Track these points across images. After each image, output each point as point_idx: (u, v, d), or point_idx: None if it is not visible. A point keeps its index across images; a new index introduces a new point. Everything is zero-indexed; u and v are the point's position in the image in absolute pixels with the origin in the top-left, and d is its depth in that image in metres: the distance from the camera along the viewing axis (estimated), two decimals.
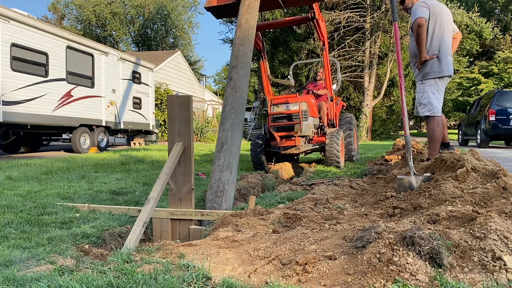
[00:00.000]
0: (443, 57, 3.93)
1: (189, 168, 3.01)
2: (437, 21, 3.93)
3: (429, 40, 3.93)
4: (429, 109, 3.99)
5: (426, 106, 4.01)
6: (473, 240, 1.62)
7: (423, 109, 4.04)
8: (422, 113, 4.05)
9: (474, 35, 32.74)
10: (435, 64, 3.94)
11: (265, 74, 6.83)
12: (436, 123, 4.00)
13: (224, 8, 4.62)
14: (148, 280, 1.52)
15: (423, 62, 3.94)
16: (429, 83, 3.99)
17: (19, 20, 8.64)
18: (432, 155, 3.90)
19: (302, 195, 3.71)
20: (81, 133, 10.61)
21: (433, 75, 3.96)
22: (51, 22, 39.81)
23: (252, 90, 43.22)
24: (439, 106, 4.01)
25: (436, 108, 3.98)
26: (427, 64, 3.96)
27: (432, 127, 4.02)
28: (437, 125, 4.01)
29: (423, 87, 4.04)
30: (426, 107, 4.01)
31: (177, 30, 40.36)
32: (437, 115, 4.00)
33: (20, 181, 4.56)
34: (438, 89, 4.00)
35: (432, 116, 4.00)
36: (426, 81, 4.00)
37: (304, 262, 1.65)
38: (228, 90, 3.77)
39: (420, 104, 4.07)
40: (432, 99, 3.98)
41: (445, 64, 3.94)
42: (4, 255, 1.98)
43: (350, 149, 7.02)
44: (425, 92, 4.01)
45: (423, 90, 4.04)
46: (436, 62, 3.94)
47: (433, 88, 3.99)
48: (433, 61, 3.94)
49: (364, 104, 21.32)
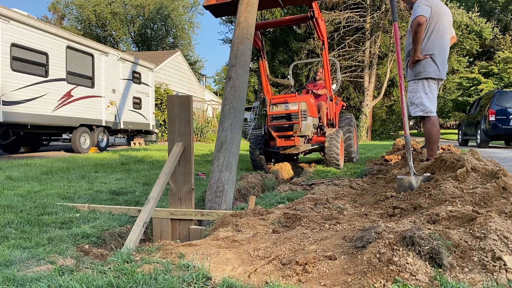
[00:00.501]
0: (438, 59, 3.91)
1: (189, 168, 3.01)
2: (438, 22, 3.90)
3: (426, 40, 3.90)
4: (422, 109, 3.97)
5: (418, 106, 3.99)
6: (473, 240, 1.62)
7: (415, 109, 4.03)
8: (414, 113, 4.05)
9: (474, 35, 32.73)
10: (428, 65, 3.91)
11: (264, 74, 6.83)
12: (432, 123, 3.99)
13: (223, 7, 4.61)
14: (148, 280, 1.52)
15: (416, 61, 3.93)
16: (421, 83, 3.97)
17: (19, 20, 8.65)
18: (432, 155, 3.89)
19: (302, 195, 3.71)
20: (81, 133, 10.61)
21: (424, 74, 3.93)
22: (51, 22, 39.81)
23: (252, 90, 43.23)
24: (432, 107, 4.00)
25: (428, 108, 3.96)
26: (420, 63, 3.93)
27: (428, 127, 4.01)
28: (433, 126, 3.99)
29: (415, 86, 4.01)
30: (418, 107, 4.00)
31: (177, 30, 40.36)
32: (432, 115, 3.98)
33: (20, 181, 4.56)
34: (431, 90, 3.98)
35: (428, 117, 3.99)
36: (418, 81, 3.98)
37: (304, 262, 1.65)
38: (227, 90, 3.76)
39: (412, 103, 4.05)
40: (424, 99, 3.96)
41: (440, 66, 3.92)
42: (4, 255, 1.99)
43: (349, 148, 7.02)
44: (417, 92, 3.99)
45: (415, 89, 4.01)
46: (431, 62, 3.91)
47: (426, 88, 3.97)
48: (427, 61, 3.90)
49: (364, 104, 21.32)
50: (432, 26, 3.90)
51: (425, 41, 3.90)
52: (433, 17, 3.88)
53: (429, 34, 3.90)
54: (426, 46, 3.91)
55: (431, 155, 3.92)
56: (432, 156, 3.81)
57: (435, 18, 3.89)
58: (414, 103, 4.01)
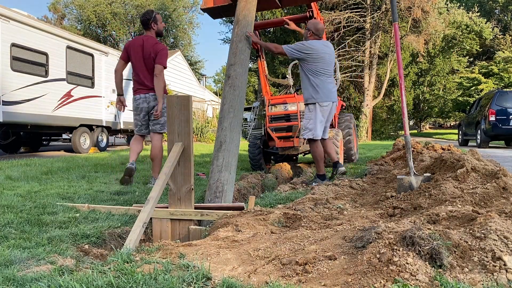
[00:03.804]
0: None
1: (189, 168, 3.01)
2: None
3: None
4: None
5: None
6: (473, 240, 1.62)
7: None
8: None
9: (474, 35, 32.76)
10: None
11: (263, 74, 6.82)
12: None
13: (221, 9, 4.62)
14: (148, 280, 1.52)
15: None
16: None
17: (19, 20, 8.64)
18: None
19: (302, 195, 3.71)
20: (81, 133, 10.61)
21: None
22: (51, 22, 39.81)
23: (252, 90, 43.21)
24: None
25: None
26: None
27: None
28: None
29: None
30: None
31: (177, 30, 40.35)
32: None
33: (20, 181, 4.56)
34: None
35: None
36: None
37: (304, 262, 1.65)
38: (226, 89, 3.75)
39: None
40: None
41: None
42: (4, 255, 1.98)
43: (349, 149, 7.01)
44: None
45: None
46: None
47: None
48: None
49: (364, 104, 21.32)
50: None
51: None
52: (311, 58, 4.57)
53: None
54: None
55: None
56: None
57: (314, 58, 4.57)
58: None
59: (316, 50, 4.50)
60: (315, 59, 4.50)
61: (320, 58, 4.52)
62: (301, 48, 4.50)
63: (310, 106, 4.64)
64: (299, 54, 4.50)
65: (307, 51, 4.48)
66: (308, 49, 4.49)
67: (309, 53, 4.48)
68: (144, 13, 4.65)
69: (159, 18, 4.66)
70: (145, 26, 4.61)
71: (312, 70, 4.52)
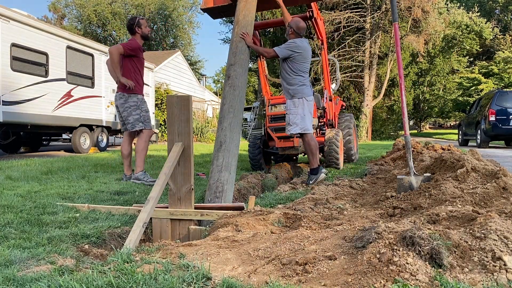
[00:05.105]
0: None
1: (189, 168, 3.01)
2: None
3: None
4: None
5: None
6: (473, 240, 1.62)
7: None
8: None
9: (474, 35, 32.76)
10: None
11: (263, 74, 6.82)
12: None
13: (221, 9, 4.63)
14: (148, 280, 1.52)
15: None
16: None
17: (19, 20, 8.64)
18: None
19: (302, 195, 3.71)
20: (81, 133, 10.61)
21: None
22: (51, 22, 39.80)
23: (252, 90, 43.21)
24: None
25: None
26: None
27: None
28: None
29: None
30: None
31: (177, 30, 40.35)
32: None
33: (20, 181, 4.56)
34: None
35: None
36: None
37: (304, 262, 1.65)
38: (226, 89, 3.75)
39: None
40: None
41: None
42: (4, 255, 1.98)
43: (349, 149, 7.01)
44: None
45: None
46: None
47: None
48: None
49: (364, 104, 21.32)
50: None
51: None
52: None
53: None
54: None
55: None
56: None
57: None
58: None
59: (305, 49, 4.62)
60: (305, 58, 4.63)
61: (308, 57, 4.67)
62: (294, 47, 4.57)
63: (296, 101, 4.66)
64: (292, 53, 4.57)
65: (300, 51, 4.57)
66: (300, 48, 4.58)
67: (300, 52, 4.57)
68: (129, 19, 4.93)
69: (143, 22, 4.85)
70: (130, 32, 4.84)
71: (300, 68, 4.63)
